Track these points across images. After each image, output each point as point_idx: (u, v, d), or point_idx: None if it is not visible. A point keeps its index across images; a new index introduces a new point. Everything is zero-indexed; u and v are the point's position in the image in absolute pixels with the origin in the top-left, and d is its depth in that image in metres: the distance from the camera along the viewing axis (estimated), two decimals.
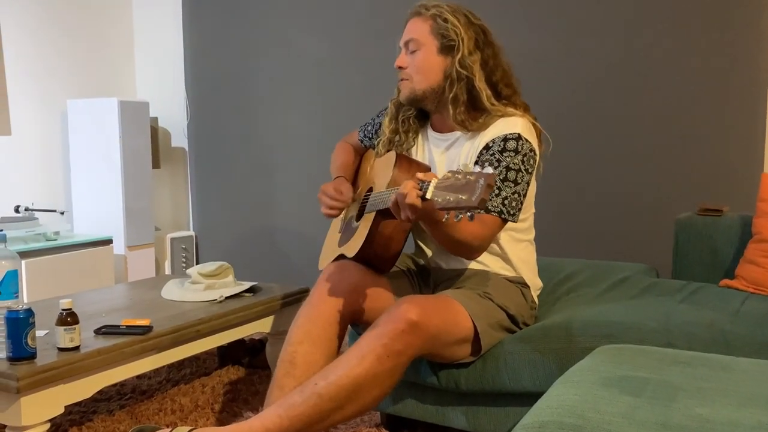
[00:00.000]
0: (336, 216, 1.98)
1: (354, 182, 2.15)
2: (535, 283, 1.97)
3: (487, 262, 1.89)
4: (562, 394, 1.18)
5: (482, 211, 1.66)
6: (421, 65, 1.81)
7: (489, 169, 1.30)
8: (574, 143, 2.94)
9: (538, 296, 2.02)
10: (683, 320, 1.72)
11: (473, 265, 1.89)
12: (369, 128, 2.12)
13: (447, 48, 1.79)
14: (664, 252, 2.58)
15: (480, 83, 1.78)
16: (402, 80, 1.86)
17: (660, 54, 2.79)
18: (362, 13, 3.46)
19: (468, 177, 1.31)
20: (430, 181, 1.37)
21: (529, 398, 1.68)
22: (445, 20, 1.77)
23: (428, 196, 1.36)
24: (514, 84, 1.87)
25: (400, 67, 1.85)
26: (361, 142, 2.17)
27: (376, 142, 2.04)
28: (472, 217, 1.30)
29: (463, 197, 1.29)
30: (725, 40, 2.68)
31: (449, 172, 1.36)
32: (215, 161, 4.03)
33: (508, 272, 1.90)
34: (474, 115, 1.80)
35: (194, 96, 4.05)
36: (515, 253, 1.90)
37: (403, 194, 1.43)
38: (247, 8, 3.82)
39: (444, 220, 1.36)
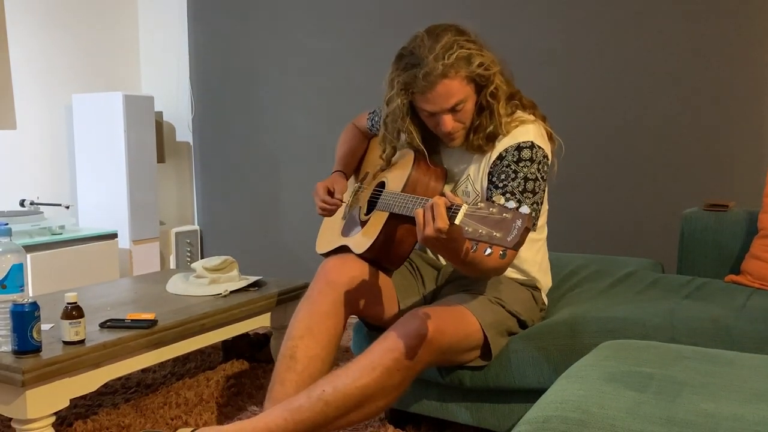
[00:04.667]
0: (329, 216, 1.98)
1: (359, 167, 2.14)
2: (547, 284, 1.96)
3: None
4: (566, 390, 1.18)
5: None
6: (469, 114, 1.74)
7: (525, 209, 1.26)
8: (580, 139, 2.93)
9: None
10: (688, 315, 1.71)
11: None
12: (377, 119, 2.10)
13: (480, 86, 1.72)
14: (669, 247, 2.57)
15: (501, 108, 1.73)
16: (456, 133, 1.76)
17: (666, 50, 2.78)
18: (368, 10, 3.45)
19: (504, 214, 1.27)
20: (460, 206, 1.33)
21: (533, 394, 1.68)
22: (484, 66, 1.67)
23: (456, 221, 1.32)
24: (513, 82, 1.81)
25: (453, 129, 1.74)
26: (370, 130, 2.15)
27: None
28: (504, 255, 1.27)
29: (497, 234, 1.26)
30: (731, 36, 2.66)
31: (482, 202, 1.31)
32: (220, 156, 4.03)
33: (521, 275, 1.89)
34: (488, 136, 1.76)
35: (199, 90, 4.05)
36: (530, 256, 1.88)
37: (432, 213, 1.38)
38: (252, 2, 3.81)
39: (473, 250, 1.30)
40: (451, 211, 1.35)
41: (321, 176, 2.20)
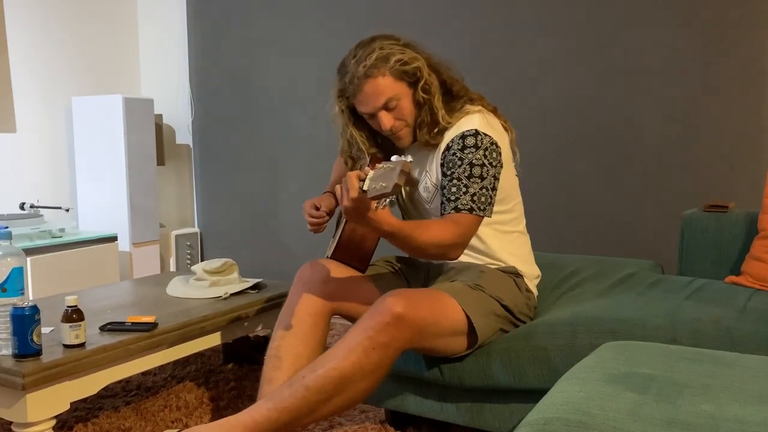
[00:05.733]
0: (319, 231, 2.04)
1: None
2: (530, 272, 1.97)
3: (475, 257, 1.91)
4: (567, 391, 1.18)
5: (459, 207, 1.73)
6: (407, 111, 1.82)
7: (408, 158, 1.41)
8: (580, 140, 2.94)
9: (540, 287, 2.02)
10: (689, 317, 1.71)
11: (464, 258, 1.90)
12: None
13: (413, 83, 1.81)
14: (669, 248, 2.58)
15: (437, 102, 1.81)
16: (398, 132, 1.85)
17: (666, 51, 2.78)
18: (368, 11, 3.45)
19: (389, 165, 1.40)
20: (368, 174, 1.45)
21: (533, 395, 1.68)
22: (402, 62, 1.77)
23: (365, 187, 1.43)
24: (459, 78, 1.89)
25: (391, 127, 1.83)
26: None
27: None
28: (392, 203, 1.41)
29: (384, 184, 1.37)
30: (732, 37, 2.66)
31: (381, 164, 1.44)
32: (220, 158, 4.03)
33: (499, 264, 1.91)
34: (434, 132, 1.83)
35: (199, 93, 4.05)
36: (502, 246, 1.91)
37: (346, 186, 1.47)
38: (252, 4, 3.82)
39: (375, 208, 1.44)
40: (363, 181, 1.46)
41: (320, 178, 2.21)
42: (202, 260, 4.07)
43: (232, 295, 2.36)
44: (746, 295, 1.94)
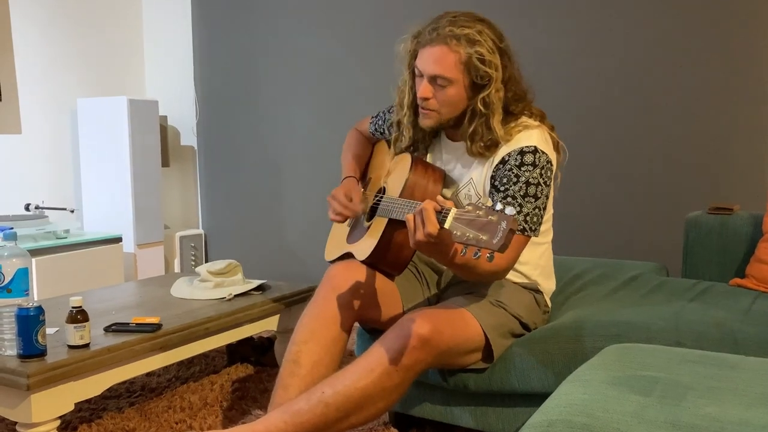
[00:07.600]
0: (342, 222, 1.97)
1: (365, 173, 2.14)
2: (549, 288, 1.95)
3: None
4: (571, 393, 1.18)
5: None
6: (451, 100, 1.72)
7: (510, 210, 1.28)
8: (584, 142, 2.93)
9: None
10: (693, 319, 1.71)
11: None
12: (380, 123, 2.09)
13: (477, 86, 1.70)
14: (674, 251, 2.57)
15: (496, 123, 1.71)
16: (427, 110, 1.75)
17: (671, 53, 2.78)
18: (371, 10, 3.46)
19: (490, 217, 1.29)
20: (450, 210, 1.35)
21: (537, 398, 1.68)
22: (482, 60, 1.66)
23: (446, 225, 1.33)
24: (527, 95, 1.80)
25: (424, 98, 1.73)
26: (372, 135, 2.16)
27: (391, 144, 1.98)
28: (491, 258, 1.28)
29: (484, 237, 1.28)
30: (736, 39, 2.66)
31: (470, 205, 1.33)
32: (224, 159, 4.04)
33: (522, 279, 1.88)
34: (488, 144, 1.74)
35: (203, 94, 4.06)
36: (532, 259, 1.86)
37: (422, 218, 1.39)
38: (256, 6, 3.82)
39: (462, 254, 1.32)
40: (441, 215, 1.37)
41: (325, 180, 2.21)
42: (206, 261, 4.08)
43: (236, 296, 2.37)
44: (751, 297, 1.93)
